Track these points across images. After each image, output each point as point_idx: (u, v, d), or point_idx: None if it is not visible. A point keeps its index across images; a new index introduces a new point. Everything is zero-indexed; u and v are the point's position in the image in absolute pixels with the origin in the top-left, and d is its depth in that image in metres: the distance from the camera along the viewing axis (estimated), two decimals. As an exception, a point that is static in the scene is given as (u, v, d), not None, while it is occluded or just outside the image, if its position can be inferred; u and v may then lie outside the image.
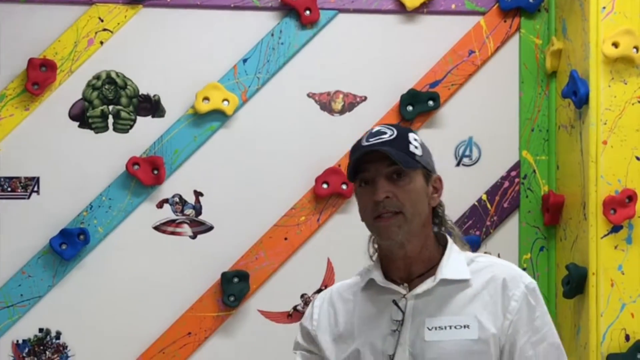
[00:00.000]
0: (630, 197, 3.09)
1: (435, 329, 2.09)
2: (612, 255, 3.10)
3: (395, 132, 2.14)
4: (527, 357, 2.08)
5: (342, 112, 3.43)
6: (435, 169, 2.18)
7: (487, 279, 2.12)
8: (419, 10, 3.44)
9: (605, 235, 3.10)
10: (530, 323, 2.10)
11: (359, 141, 2.16)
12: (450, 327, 2.09)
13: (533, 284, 2.14)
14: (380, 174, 2.11)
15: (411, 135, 2.16)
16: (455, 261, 2.15)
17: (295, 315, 3.34)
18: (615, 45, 3.11)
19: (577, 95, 3.14)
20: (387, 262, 2.18)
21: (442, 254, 2.16)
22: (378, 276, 2.17)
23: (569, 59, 3.31)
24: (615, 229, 3.10)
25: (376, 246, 2.22)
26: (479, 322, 2.08)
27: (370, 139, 2.13)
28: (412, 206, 2.10)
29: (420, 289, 2.12)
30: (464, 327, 2.08)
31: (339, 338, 2.20)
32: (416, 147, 2.14)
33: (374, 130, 2.16)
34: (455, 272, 2.13)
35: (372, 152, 2.10)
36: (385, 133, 2.14)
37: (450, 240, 2.20)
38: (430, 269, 2.14)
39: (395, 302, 2.12)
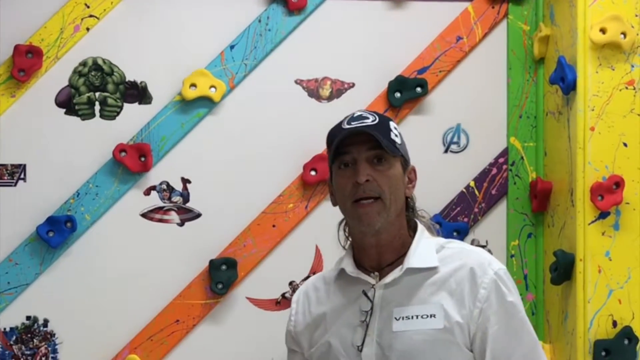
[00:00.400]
0: (618, 184, 3.09)
1: (403, 319, 2.09)
2: (600, 242, 3.10)
3: (377, 119, 2.15)
4: (499, 345, 2.07)
5: (330, 98, 3.42)
6: (409, 159, 2.21)
7: (454, 266, 2.12)
8: (407, -4, 3.44)
9: (592, 222, 3.10)
10: (501, 310, 2.08)
11: (339, 124, 2.17)
12: (417, 316, 2.08)
13: (502, 270, 2.12)
14: (361, 156, 2.11)
15: (391, 124, 2.18)
16: (424, 249, 2.15)
17: (283, 302, 3.34)
18: (603, 31, 3.11)
19: (565, 81, 3.14)
20: (358, 251, 2.19)
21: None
22: (348, 265, 2.18)
23: (556, 45, 3.31)
24: (603, 215, 3.10)
25: (347, 234, 2.23)
26: (445, 310, 2.07)
27: (353, 122, 2.13)
28: (391, 192, 2.11)
29: (388, 278, 2.12)
30: (430, 316, 2.08)
31: (314, 330, 2.21)
32: (396, 135, 2.15)
33: (356, 114, 2.17)
34: (422, 260, 2.13)
35: (356, 134, 2.10)
36: (367, 118, 2.15)
37: (420, 227, 2.20)
38: (401, 256, 2.15)
39: (364, 293, 2.12)
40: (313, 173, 3.35)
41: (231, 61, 3.39)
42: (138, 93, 3.37)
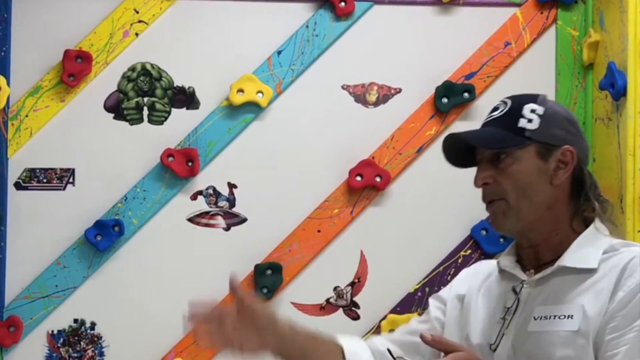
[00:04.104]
0: (667, 191, 3.05)
1: (541, 318, 1.90)
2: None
3: (508, 107, 1.98)
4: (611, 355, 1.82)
5: (376, 104, 3.42)
6: (565, 139, 1.95)
7: (610, 265, 1.89)
8: (454, 1, 3.42)
9: (641, 230, 3.07)
10: (629, 319, 1.81)
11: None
12: (555, 316, 1.88)
13: None
14: (482, 157, 1.99)
15: (527, 107, 1.96)
16: (589, 247, 1.92)
17: (327, 307, 3.34)
18: (654, 37, 3.07)
19: (615, 87, 3.11)
20: (519, 248, 2.03)
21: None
22: (504, 260, 2.03)
23: (606, 50, 3.28)
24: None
25: None
26: (584, 311, 1.85)
27: (486, 116, 2.04)
28: (517, 190, 1.92)
29: (538, 275, 1.95)
30: (568, 317, 1.87)
31: (461, 310, 2.08)
32: (529, 121, 1.95)
33: (497, 104, 2.04)
34: (580, 259, 1.91)
35: (462, 141, 1.99)
36: (497, 109, 2.01)
37: (594, 225, 1.97)
38: (561, 255, 1.94)
39: (513, 289, 1.97)
40: (359, 178, 3.34)
41: (278, 67, 3.40)
42: (186, 98, 3.39)
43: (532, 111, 1.95)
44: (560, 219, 1.96)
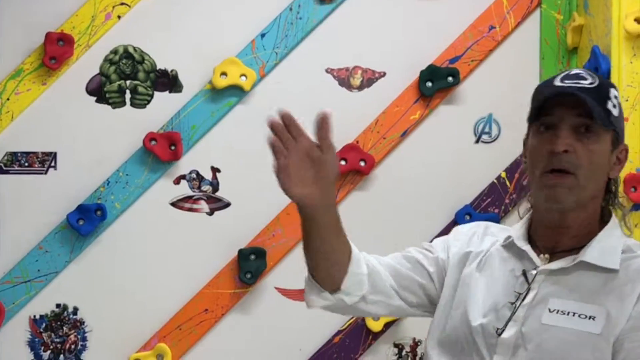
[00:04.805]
0: (652, 175, 3.06)
1: (557, 312, 1.83)
2: (633, 234, 3.05)
3: (597, 81, 1.87)
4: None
5: (360, 87, 3.40)
6: (624, 137, 1.91)
7: (633, 269, 1.85)
8: (439, -15, 3.42)
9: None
10: None
11: (551, 79, 1.91)
12: (574, 314, 1.82)
13: None
14: (566, 122, 1.85)
15: (612, 91, 1.89)
16: (610, 245, 1.88)
17: (312, 292, 3.33)
18: (638, 20, 3.06)
19: (599, 71, 3.10)
20: (535, 226, 1.93)
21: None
22: (519, 237, 1.95)
23: (590, 34, 3.27)
24: (636, 206, 3.07)
25: (529, 205, 1.98)
26: (608, 315, 1.80)
27: (567, 81, 1.87)
28: (590, 169, 1.84)
29: (556, 265, 1.88)
30: (590, 317, 1.81)
31: (462, 268, 1.98)
32: (614, 106, 1.87)
33: (573, 71, 1.91)
34: (602, 257, 1.86)
35: (565, 95, 1.84)
36: (585, 79, 1.87)
37: (614, 220, 1.93)
38: (582, 247, 1.88)
39: (524, 273, 1.89)
40: (343, 163, 3.33)
41: (262, 50, 3.38)
42: (169, 81, 3.37)
43: (615, 97, 1.88)
44: (596, 210, 1.91)
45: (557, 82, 1.87)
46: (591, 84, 1.85)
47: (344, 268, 1.99)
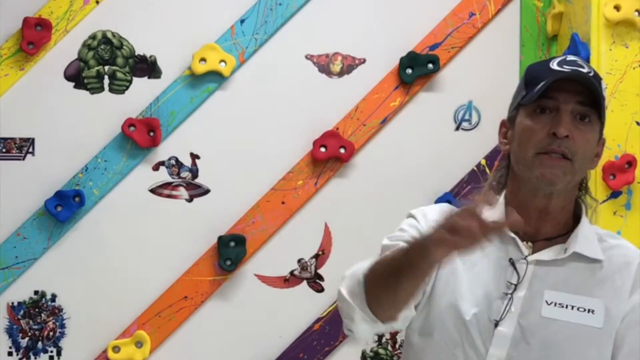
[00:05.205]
0: (630, 163, 3.07)
1: (556, 305, 1.82)
2: (611, 221, 3.08)
3: (593, 72, 1.87)
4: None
5: (340, 74, 3.40)
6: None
7: (620, 262, 1.87)
8: (419, -29, 3.41)
9: (604, 201, 3.08)
10: None
11: (546, 62, 1.88)
12: (573, 307, 1.82)
13: None
14: (568, 107, 1.84)
15: (603, 83, 1.89)
16: (589, 236, 1.89)
17: (292, 280, 3.33)
18: (617, 8, 3.07)
19: (579, 58, 3.11)
20: (524, 213, 1.81)
21: (575, 223, 1.90)
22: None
23: (570, 22, 3.28)
24: (615, 194, 3.08)
25: (507, 187, 1.94)
26: (607, 310, 1.82)
27: (566, 66, 1.85)
28: (583, 157, 1.84)
29: (547, 256, 1.87)
30: (589, 311, 1.82)
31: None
32: (603, 98, 1.88)
33: (568, 57, 1.88)
34: (588, 248, 1.87)
35: (572, 81, 1.82)
36: (582, 66, 1.86)
37: (584, 211, 1.94)
38: (562, 235, 1.89)
39: (512, 263, 1.87)
40: (323, 149, 3.33)
41: (241, 35, 3.36)
42: (147, 67, 3.35)
43: (604, 90, 1.89)
44: (572, 200, 1.92)
45: (556, 67, 1.85)
46: (588, 73, 1.85)
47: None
